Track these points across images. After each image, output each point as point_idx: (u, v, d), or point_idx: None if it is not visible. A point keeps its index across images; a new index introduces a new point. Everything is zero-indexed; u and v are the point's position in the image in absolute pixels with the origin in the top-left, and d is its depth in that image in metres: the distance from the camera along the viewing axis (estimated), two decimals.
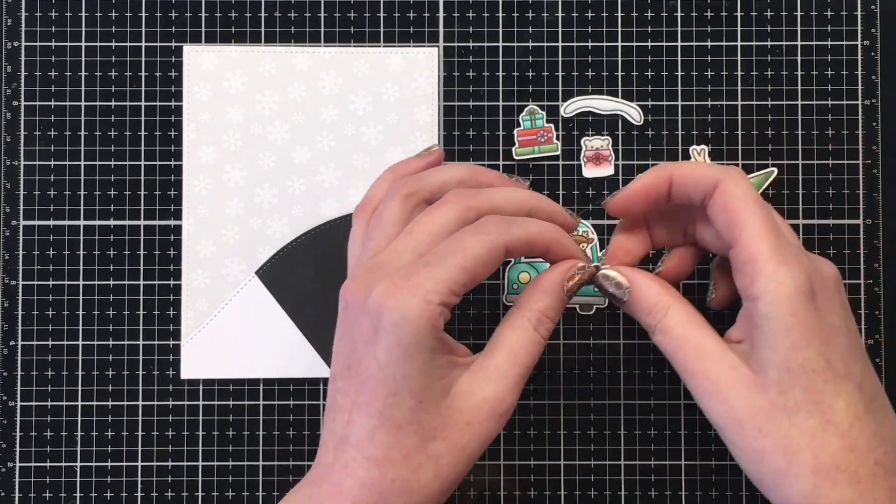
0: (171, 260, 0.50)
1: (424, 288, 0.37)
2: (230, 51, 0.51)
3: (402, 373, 0.37)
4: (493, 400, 0.38)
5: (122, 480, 0.50)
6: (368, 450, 0.37)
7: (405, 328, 0.36)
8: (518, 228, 0.39)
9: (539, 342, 0.40)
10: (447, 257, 0.38)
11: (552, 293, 0.40)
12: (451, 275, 0.37)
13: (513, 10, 0.51)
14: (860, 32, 0.51)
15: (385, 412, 0.37)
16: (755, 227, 0.38)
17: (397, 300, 0.37)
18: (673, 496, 0.50)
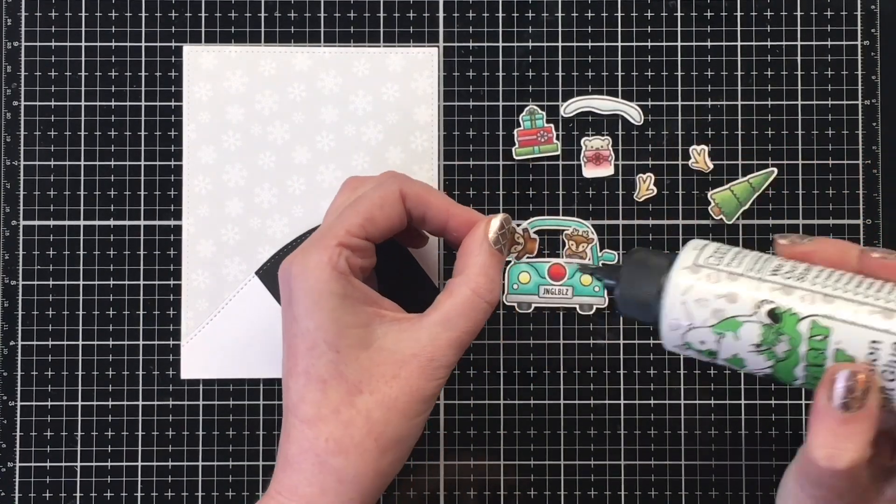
0: (171, 260, 0.50)
1: (321, 237, 0.39)
2: (230, 51, 0.51)
3: (315, 323, 0.38)
4: (421, 357, 0.39)
5: (122, 480, 0.50)
6: (301, 411, 0.38)
7: (307, 276, 0.38)
8: (416, 183, 0.41)
9: (479, 305, 0.40)
10: (346, 210, 0.40)
11: (482, 252, 0.40)
12: (346, 220, 0.39)
13: (513, 10, 0.51)
14: (860, 32, 0.51)
15: (310, 370, 0.38)
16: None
17: (300, 256, 0.39)
18: (673, 496, 0.50)
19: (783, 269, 0.34)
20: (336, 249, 0.38)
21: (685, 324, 0.35)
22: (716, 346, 0.35)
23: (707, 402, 0.50)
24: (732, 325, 0.34)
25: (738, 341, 0.34)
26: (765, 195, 0.50)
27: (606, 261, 0.50)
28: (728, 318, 0.34)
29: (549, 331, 0.50)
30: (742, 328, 0.34)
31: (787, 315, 0.34)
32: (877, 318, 0.33)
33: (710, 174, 0.50)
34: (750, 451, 0.49)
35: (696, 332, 0.35)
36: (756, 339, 0.34)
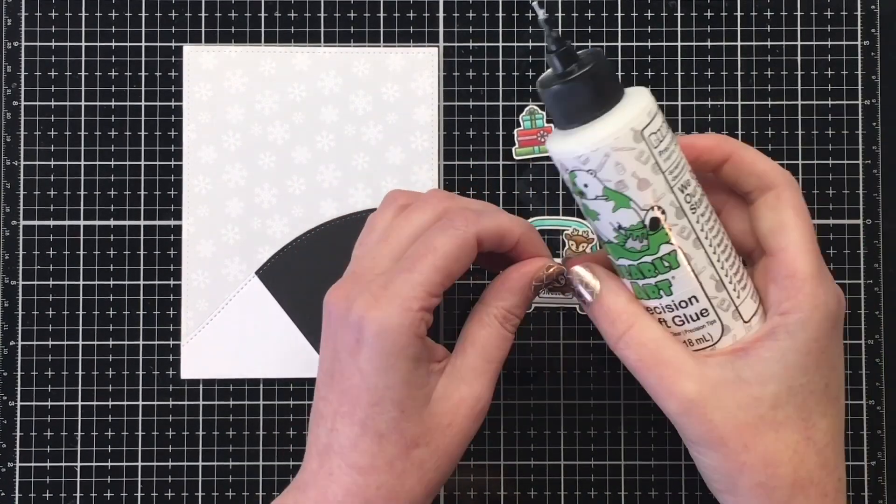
0: (171, 260, 0.50)
1: (402, 296, 0.37)
2: (230, 51, 0.51)
3: (385, 383, 0.37)
4: (469, 399, 0.39)
5: (122, 480, 0.50)
6: (352, 458, 0.37)
7: (387, 338, 0.37)
8: (488, 219, 0.39)
9: (507, 338, 0.40)
10: (420, 260, 0.38)
11: (520, 293, 0.40)
12: (426, 277, 0.37)
13: (513, 10, 0.51)
14: (860, 32, 0.51)
15: (367, 422, 0.37)
16: (803, 241, 0.38)
17: (378, 311, 0.37)
18: (673, 496, 0.50)
19: (688, 190, 0.37)
20: (418, 314, 0.37)
21: (589, 166, 0.36)
22: (590, 197, 0.37)
23: None
24: (622, 202, 0.36)
25: (613, 213, 0.37)
26: None
27: None
28: (624, 195, 0.36)
29: (549, 331, 0.50)
30: (625, 210, 0.36)
31: (661, 232, 0.37)
32: (711, 286, 0.38)
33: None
34: None
35: (591, 179, 0.36)
36: (626, 224, 0.37)
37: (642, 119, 0.36)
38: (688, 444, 0.39)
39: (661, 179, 0.36)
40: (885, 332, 0.50)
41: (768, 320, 0.38)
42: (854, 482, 0.50)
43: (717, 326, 0.38)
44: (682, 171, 0.37)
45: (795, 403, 0.38)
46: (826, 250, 0.50)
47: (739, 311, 0.39)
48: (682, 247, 0.37)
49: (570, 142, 0.36)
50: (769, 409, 0.37)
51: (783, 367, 0.37)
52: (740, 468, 0.38)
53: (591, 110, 0.36)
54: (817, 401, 0.38)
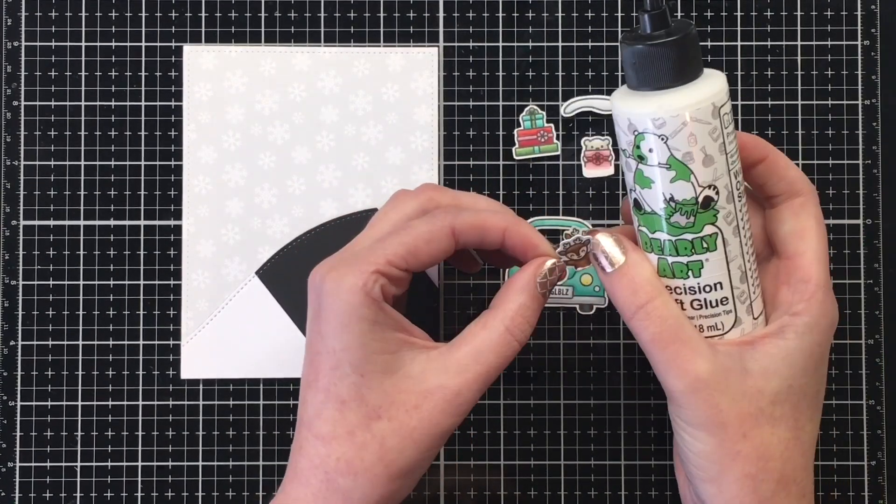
0: (171, 260, 0.50)
1: (362, 260, 0.38)
2: (230, 51, 0.51)
3: (341, 344, 0.37)
4: (446, 388, 0.38)
5: (122, 480, 0.50)
6: (316, 426, 0.38)
7: (339, 297, 0.37)
8: (468, 214, 0.39)
9: (510, 344, 0.39)
10: (391, 235, 0.39)
11: (526, 292, 0.40)
12: (390, 248, 0.38)
13: (513, 10, 0.51)
14: (860, 32, 0.51)
15: (330, 388, 0.38)
16: (819, 250, 0.40)
17: (335, 272, 0.38)
18: (673, 496, 0.50)
19: (739, 177, 0.38)
20: (372, 276, 0.37)
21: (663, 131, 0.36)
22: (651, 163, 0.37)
23: None
24: (683, 173, 0.36)
25: (669, 184, 0.37)
26: None
27: None
28: (688, 167, 0.36)
29: (549, 331, 0.50)
30: (683, 183, 0.36)
31: (710, 212, 0.37)
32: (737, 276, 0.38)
33: None
34: None
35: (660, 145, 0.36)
36: (679, 197, 0.37)
37: (722, 97, 0.36)
38: (681, 428, 0.39)
39: (724, 161, 0.37)
40: (885, 332, 0.50)
41: (777, 319, 0.39)
42: (854, 482, 0.50)
43: (731, 317, 0.39)
44: (738, 158, 0.38)
45: (791, 402, 0.39)
46: None
47: (752, 306, 0.39)
48: (723, 231, 0.37)
49: (649, 103, 0.36)
50: (769, 404, 0.38)
51: (787, 365, 0.38)
52: (734, 456, 0.38)
53: (678, 77, 0.36)
54: (808, 404, 0.39)
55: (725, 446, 0.38)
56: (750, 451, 0.38)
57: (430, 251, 0.39)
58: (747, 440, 0.38)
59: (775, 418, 0.38)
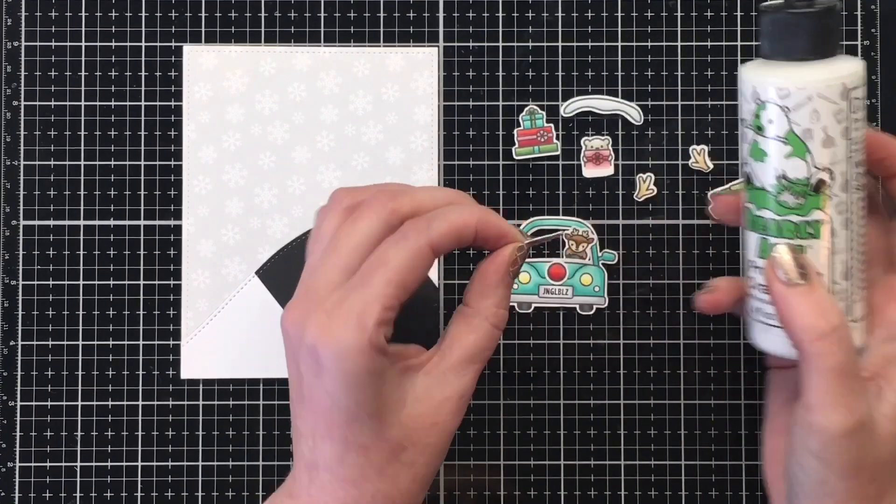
0: (171, 260, 0.50)
1: (356, 313, 0.36)
2: (230, 51, 0.51)
3: (356, 401, 0.36)
4: (453, 398, 0.39)
5: (122, 480, 0.50)
6: (340, 472, 0.37)
7: (346, 361, 0.36)
8: (438, 222, 0.38)
9: (496, 336, 0.40)
10: (373, 275, 0.37)
11: (502, 284, 0.40)
12: (380, 291, 0.36)
13: (513, 10, 0.51)
14: (860, 32, 0.51)
15: (349, 437, 0.37)
16: None
17: (333, 334, 0.36)
18: (673, 496, 0.50)
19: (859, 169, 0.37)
20: (375, 329, 0.36)
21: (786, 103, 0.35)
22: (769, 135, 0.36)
23: (707, 402, 0.50)
24: (800, 150, 0.36)
25: (784, 160, 0.36)
26: None
27: (606, 260, 0.50)
28: (805, 145, 0.35)
29: (549, 331, 0.50)
30: (798, 160, 0.35)
31: (822, 196, 0.36)
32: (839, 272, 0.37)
33: (710, 174, 0.50)
34: (750, 451, 0.49)
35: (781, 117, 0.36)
36: (792, 175, 0.36)
37: (854, 80, 0.36)
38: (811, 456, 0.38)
39: (844, 146, 0.36)
40: None
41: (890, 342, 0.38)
42: None
43: None
44: (861, 148, 0.37)
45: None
46: None
47: (853, 307, 0.38)
48: (833, 220, 0.36)
49: (777, 73, 0.35)
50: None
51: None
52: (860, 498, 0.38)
53: (811, 51, 0.35)
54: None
55: (853, 490, 0.37)
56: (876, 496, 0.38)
57: (415, 278, 0.38)
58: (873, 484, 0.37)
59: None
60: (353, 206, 0.40)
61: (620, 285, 0.50)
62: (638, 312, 0.50)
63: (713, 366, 0.50)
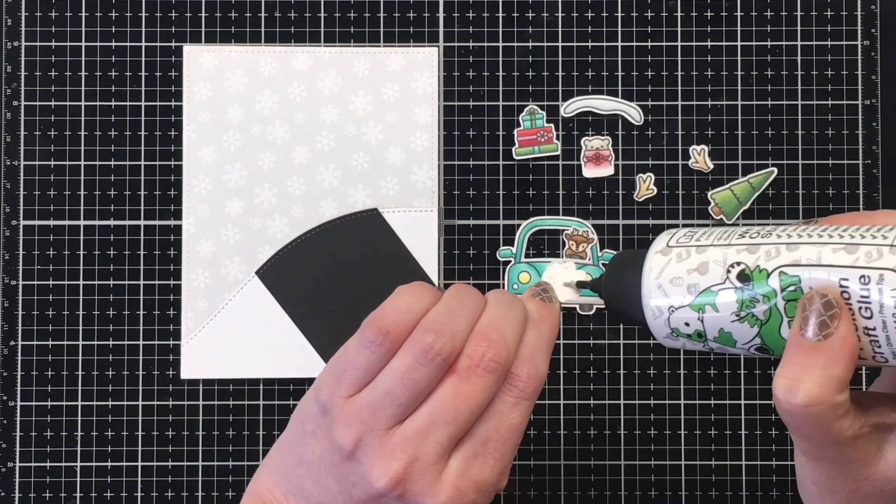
0: (171, 260, 0.50)
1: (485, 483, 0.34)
2: (230, 51, 0.51)
3: None
4: None
5: (122, 480, 0.50)
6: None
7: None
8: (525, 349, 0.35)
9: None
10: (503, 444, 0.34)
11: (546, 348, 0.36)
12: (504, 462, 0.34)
13: (513, 10, 0.51)
14: (860, 32, 0.51)
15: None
16: None
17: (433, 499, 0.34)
18: (673, 496, 0.50)
19: (750, 233, 0.34)
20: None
21: (665, 306, 0.34)
22: (701, 326, 0.34)
23: (707, 402, 0.50)
24: (708, 296, 0.33)
25: (719, 313, 0.33)
26: (765, 195, 0.50)
27: (606, 260, 0.50)
28: (702, 290, 0.33)
29: None
30: (718, 297, 0.33)
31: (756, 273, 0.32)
32: (840, 255, 0.31)
33: (710, 174, 0.50)
34: (750, 451, 0.49)
35: (678, 314, 0.34)
36: (734, 307, 0.33)
37: (661, 241, 0.36)
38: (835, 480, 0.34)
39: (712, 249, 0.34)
40: None
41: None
42: None
43: None
44: (733, 230, 0.35)
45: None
46: None
47: None
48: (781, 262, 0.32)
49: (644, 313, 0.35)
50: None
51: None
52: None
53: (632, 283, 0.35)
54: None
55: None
56: None
57: None
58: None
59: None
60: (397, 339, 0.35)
61: None
62: None
63: (713, 366, 0.50)
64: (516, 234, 0.50)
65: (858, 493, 0.32)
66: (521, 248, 0.50)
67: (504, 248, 0.50)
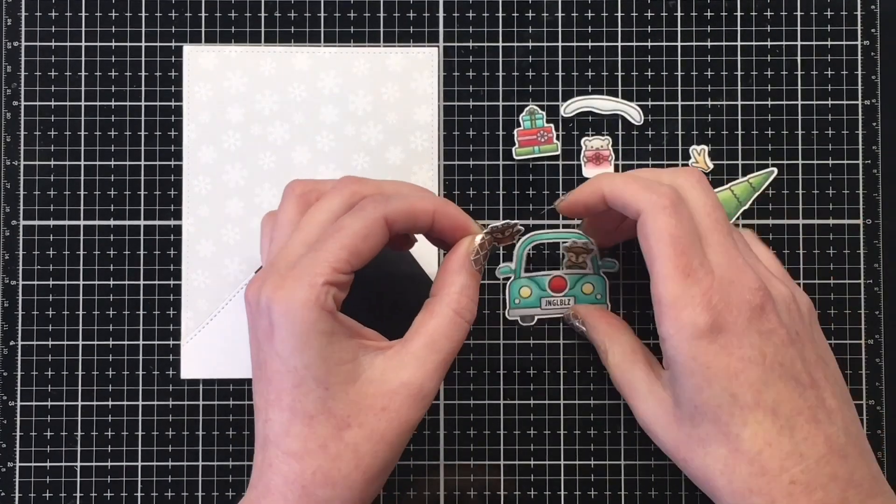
0: (171, 260, 0.50)
1: (307, 273, 0.37)
2: (230, 51, 0.51)
3: (303, 362, 0.37)
4: (410, 385, 0.38)
5: (122, 480, 0.50)
6: (286, 444, 0.38)
7: (294, 316, 0.37)
8: (397, 201, 0.39)
9: (461, 325, 0.40)
10: (327, 240, 0.38)
11: (464, 271, 0.40)
12: (331, 254, 0.38)
13: (513, 10, 0.51)
14: (860, 32, 0.51)
15: (295, 405, 0.37)
16: (663, 268, 0.38)
17: (283, 290, 0.37)
18: (673, 496, 0.50)
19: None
20: (324, 289, 0.37)
21: None
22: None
23: None
24: None
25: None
26: (765, 195, 0.50)
27: (607, 268, 0.50)
28: None
29: (548, 331, 0.50)
30: None
31: None
32: None
33: (710, 174, 0.50)
34: None
35: None
36: None
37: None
38: None
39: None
40: (885, 332, 0.50)
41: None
42: None
43: None
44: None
45: (710, 420, 0.38)
46: (826, 250, 0.50)
47: None
48: None
49: None
50: (692, 427, 0.39)
51: (681, 390, 0.39)
52: (693, 481, 0.40)
53: None
54: (730, 413, 0.38)
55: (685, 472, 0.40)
56: (696, 474, 0.40)
57: (368, 247, 0.39)
58: (689, 464, 0.40)
59: (703, 439, 0.39)
60: (306, 192, 0.41)
61: (620, 285, 0.50)
62: (638, 312, 0.50)
63: None
64: (514, 250, 0.50)
65: None
66: (520, 263, 0.50)
67: (503, 265, 0.50)
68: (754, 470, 0.38)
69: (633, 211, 0.40)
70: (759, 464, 0.38)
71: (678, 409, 0.40)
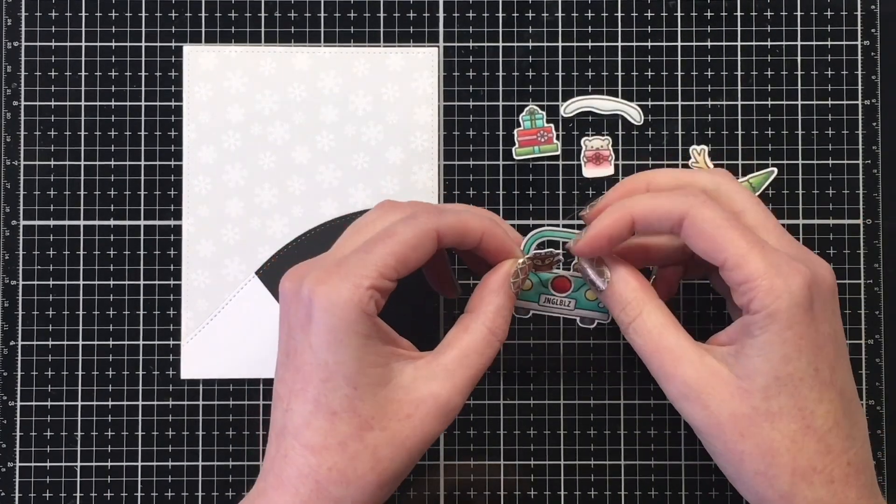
0: (171, 260, 0.50)
1: (354, 273, 0.37)
2: (230, 51, 0.51)
3: (335, 358, 0.37)
4: (438, 396, 0.39)
5: (122, 480, 0.50)
6: (305, 437, 0.38)
7: (335, 313, 0.37)
8: (450, 216, 0.40)
9: (493, 344, 0.40)
10: (377, 244, 0.38)
11: (502, 293, 0.41)
12: (380, 259, 0.38)
13: (513, 10, 0.51)
14: (860, 32, 0.51)
15: (320, 398, 0.37)
16: (739, 248, 0.38)
17: (327, 286, 0.37)
18: (673, 496, 0.50)
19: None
20: (367, 292, 0.37)
21: None
22: None
23: None
24: None
25: None
26: (765, 195, 0.50)
27: None
28: None
29: (548, 331, 0.50)
30: None
31: None
32: None
33: None
34: None
35: None
36: None
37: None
38: (698, 436, 0.40)
39: None
40: (885, 332, 0.50)
41: (740, 319, 0.39)
42: None
43: None
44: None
45: (788, 393, 0.38)
46: (826, 250, 0.50)
47: None
48: None
49: None
50: (762, 401, 0.38)
51: (764, 360, 0.38)
52: (739, 456, 0.38)
53: None
54: (810, 387, 0.38)
55: (729, 447, 0.38)
56: (752, 450, 0.38)
57: (417, 256, 0.39)
58: (746, 440, 0.38)
59: (773, 413, 0.38)
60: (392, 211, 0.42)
61: None
62: None
63: None
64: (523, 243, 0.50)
65: None
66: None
67: None
68: (821, 448, 0.38)
69: (675, 219, 0.39)
70: (826, 442, 0.38)
71: (747, 381, 0.38)
